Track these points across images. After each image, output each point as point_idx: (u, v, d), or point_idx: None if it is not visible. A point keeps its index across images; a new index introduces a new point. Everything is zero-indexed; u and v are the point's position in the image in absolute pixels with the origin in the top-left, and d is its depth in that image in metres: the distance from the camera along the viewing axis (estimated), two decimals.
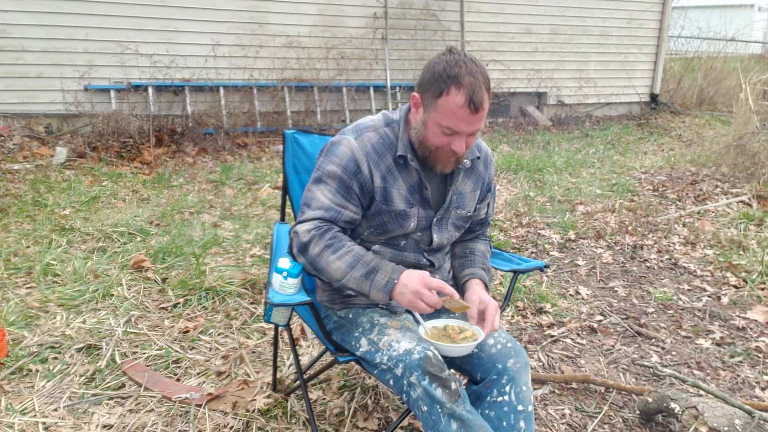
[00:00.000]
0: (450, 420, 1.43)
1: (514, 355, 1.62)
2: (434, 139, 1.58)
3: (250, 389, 2.25)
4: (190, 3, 6.38)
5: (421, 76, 1.58)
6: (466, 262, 1.84)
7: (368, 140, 1.66)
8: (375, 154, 1.65)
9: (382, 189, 1.65)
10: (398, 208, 1.67)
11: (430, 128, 1.57)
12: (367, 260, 1.58)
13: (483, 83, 1.50)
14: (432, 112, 1.55)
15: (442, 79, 1.50)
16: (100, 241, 3.64)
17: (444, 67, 1.51)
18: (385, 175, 1.66)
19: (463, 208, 1.78)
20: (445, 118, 1.52)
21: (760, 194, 5.12)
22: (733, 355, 2.70)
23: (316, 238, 1.59)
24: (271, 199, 4.71)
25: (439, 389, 1.45)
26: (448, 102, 1.50)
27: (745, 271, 3.61)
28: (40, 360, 2.39)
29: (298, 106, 7.10)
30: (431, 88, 1.53)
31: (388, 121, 1.71)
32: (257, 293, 3.04)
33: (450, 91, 1.49)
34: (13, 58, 5.71)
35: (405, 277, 1.54)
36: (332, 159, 1.65)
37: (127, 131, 5.72)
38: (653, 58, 9.89)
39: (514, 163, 6.07)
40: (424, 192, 1.69)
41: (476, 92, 1.48)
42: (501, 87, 8.52)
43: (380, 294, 1.55)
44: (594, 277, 3.53)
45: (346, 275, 1.57)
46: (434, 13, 7.77)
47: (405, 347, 1.53)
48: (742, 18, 15.47)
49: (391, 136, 1.68)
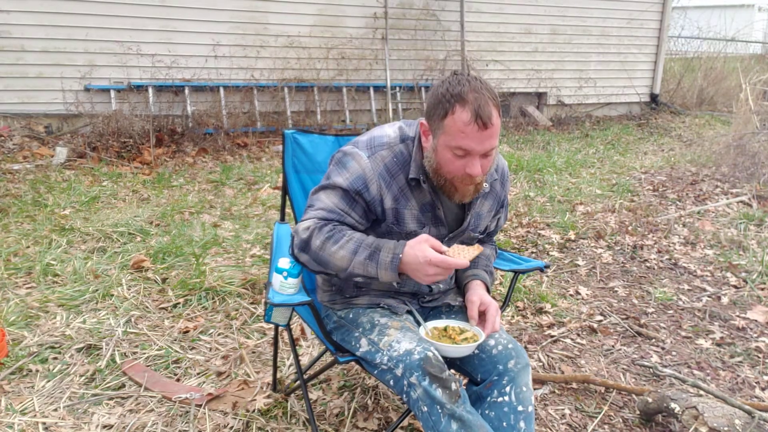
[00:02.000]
0: (450, 420, 1.43)
1: (514, 356, 1.62)
2: (447, 165, 1.52)
3: (250, 389, 2.25)
4: (190, 3, 6.39)
5: (426, 104, 1.55)
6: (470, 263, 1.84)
7: (381, 160, 1.61)
8: (387, 175, 1.61)
9: (393, 210, 1.62)
10: (409, 229, 1.65)
11: (441, 153, 1.52)
12: (369, 243, 1.55)
13: (489, 99, 1.46)
14: (441, 136, 1.50)
15: (446, 99, 1.47)
16: (100, 241, 3.64)
17: (447, 88, 1.48)
18: (398, 196, 1.62)
19: (478, 229, 1.76)
20: (454, 139, 1.47)
21: (760, 194, 5.13)
22: (733, 355, 2.70)
23: (315, 232, 1.56)
24: (271, 199, 4.71)
25: (439, 390, 1.44)
26: (454, 121, 1.46)
27: (745, 271, 3.61)
28: (40, 360, 2.39)
29: (298, 106, 7.10)
30: (436, 111, 1.50)
31: (403, 137, 1.66)
32: (257, 293, 3.04)
33: (455, 109, 1.46)
34: (13, 58, 5.71)
35: (408, 254, 1.49)
36: (342, 172, 1.62)
37: (128, 131, 5.72)
38: (653, 58, 9.89)
39: (514, 163, 6.07)
40: (436, 211, 1.66)
41: (482, 107, 1.44)
42: (501, 87, 8.52)
43: (388, 272, 1.51)
44: (594, 277, 3.53)
45: (351, 262, 1.53)
46: (434, 13, 7.77)
47: (405, 347, 1.52)
48: (742, 18, 15.47)
49: (405, 153, 1.63)
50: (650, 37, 9.76)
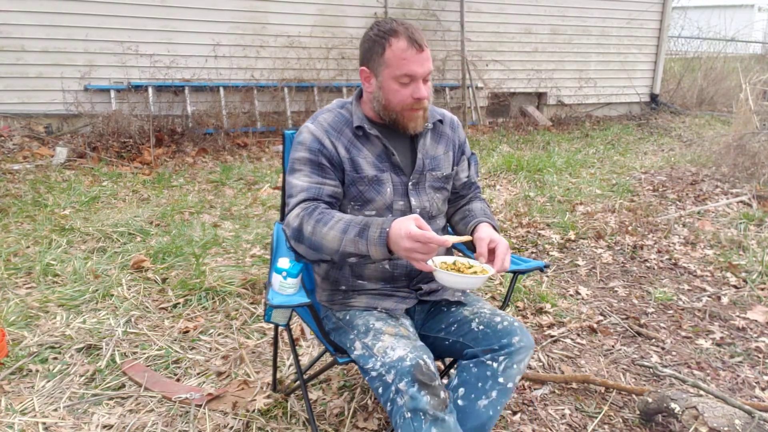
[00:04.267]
0: (431, 425, 1.43)
1: (519, 334, 1.63)
2: (396, 96, 1.63)
3: (250, 389, 2.25)
4: (190, 3, 6.39)
5: (360, 52, 1.68)
6: (468, 219, 1.82)
7: (324, 120, 1.74)
8: (333, 130, 1.72)
9: (348, 159, 1.70)
10: (369, 174, 1.70)
11: (388, 87, 1.63)
12: (358, 221, 1.56)
13: (416, 28, 1.61)
14: (384, 71, 1.62)
15: (380, 36, 1.61)
16: (100, 241, 3.64)
17: (376, 31, 1.63)
18: (348, 146, 1.71)
19: (438, 169, 1.80)
20: (398, 68, 1.59)
21: (760, 194, 5.12)
22: (733, 355, 2.70)
23: (305, 218, 1.60)
24: (271, 199, 4.71)
25: (427, 396, 1.43)
26: (393, 52, 1.59)
27: (745, 271, 3.61)
28: (40, 360, 2.39)
29: (299, 106, 7.10)
30: (373, 51, 1.63)
31: (341, 104, 1.80)
32: (257, 293, 3.04)
33: (390, 42, 1.59)
34: (13, 58, 5.71)
35: (395, 228, 1.48)
36: (297, 147, 1.73)
37: (127, 131, 5.72)
38: (653, 58, 9.89)
39: (514, 163, 6.06)
40: (392, 158, 1.73)
41: (414, 33, 1.60)
42: (501, 87, 8.52)
43: (378, 248, 1.50)
44: (594, 277, 3.52)
45: (341, 241, 1.54)
46: (434, 13, 7.78)
47: (399, 354, 1.51)
48: (742, 18, 15.47)
49: (346, 114, 1.76)
50: (650, 37, 9.76)
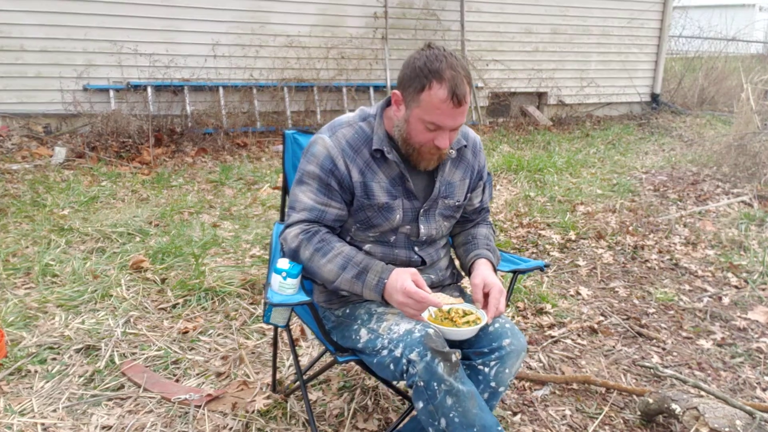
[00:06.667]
0: (446, 395, 1.45)
1: (510, 336, 1.62)
2: (418, 136, 1.57)
3: (250, 390, 2.24)
4: (189, 3, 6.37)
5: (401, 73, 1.58)
6: (470, 246, 1.83)
7: (342, 137, 1.66)
8: (350, 150, 1.65)
9: (361, 184, 1.65)
10: (381, 201, 1.66)
11: (413, 125, 1.56)
12: (357, 261, 1.58)
13: (464, 77, 1.50)
14: (414, 108, 1.54)
15: (423, 74, 1.50)
16: (99, 241, 3.63)
17: (424, 62, 1.50)
18: (363, 169, 1.65)
19: (451, 197, 1.77)
20: (428, 114, 1.52)
21: (761, 194, 5.12)
22: (734, 355, 2.69)
23: (304, 243, 1.60)
24: (271, 199, 4.70)
25: (441, 363, 1.45)
26: (430, 97, 1.50)
27: (746, 271, 3.60)
28: (38, 361, 2.38)
29: (298, 106, 7.09)
30: (412, 84, 1.53)
31: (363, 116, 1.70)
32: (257, 294, 3.03)
33: (432, 85, 1.49)
34: (12, 57, 5.70)
35: (392, 280, 1.54)
36: (309, 159, 1.67)
37: (126, 131, 5.71)
38: (654, 57, 9.88)
39: (515, 163, 6.06)
40: (406, 184, 1.68)
41: (458, 86, 1.48)
42: (501, 87, 8.51)
43: (372, 293, 1.57)
44: (595, 277, 3.52)
45: (338, 277, 1.59)
46: (434, 13, 7.76)
47: (405, 328, 1.54)
48: (743, 18, 15.46)
49: (366, 130, 1.68)
50: (651, 37, 9.75)
